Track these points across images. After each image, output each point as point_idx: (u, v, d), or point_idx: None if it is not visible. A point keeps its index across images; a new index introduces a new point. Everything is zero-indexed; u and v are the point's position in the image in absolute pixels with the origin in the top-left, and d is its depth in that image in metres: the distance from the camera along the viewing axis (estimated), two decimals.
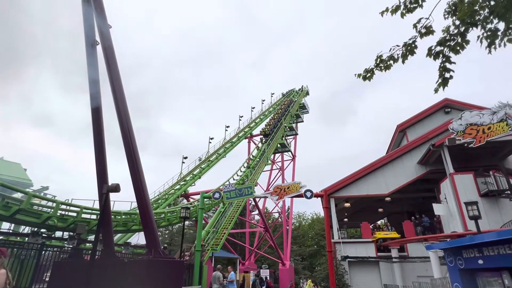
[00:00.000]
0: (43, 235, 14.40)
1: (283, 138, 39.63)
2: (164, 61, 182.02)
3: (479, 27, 3.44)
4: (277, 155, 42.37)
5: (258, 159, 34.68)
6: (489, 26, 3.41)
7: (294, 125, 44.30)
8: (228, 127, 40.18)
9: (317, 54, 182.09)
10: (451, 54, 3.57)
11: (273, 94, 52.36)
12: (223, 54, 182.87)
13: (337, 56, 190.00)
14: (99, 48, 12.62)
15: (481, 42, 3.49)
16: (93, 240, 10.70)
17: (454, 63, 3.62)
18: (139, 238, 23.68)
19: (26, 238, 12.44)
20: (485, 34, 3.45)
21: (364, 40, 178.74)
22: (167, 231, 47.05)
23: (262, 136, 41.73)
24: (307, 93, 53.69)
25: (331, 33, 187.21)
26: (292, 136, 44.10)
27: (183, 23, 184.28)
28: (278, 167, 42.61)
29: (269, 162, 38.21)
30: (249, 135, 42.43)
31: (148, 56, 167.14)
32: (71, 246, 11.49)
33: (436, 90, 3.74)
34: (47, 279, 8.91)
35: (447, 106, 20.65)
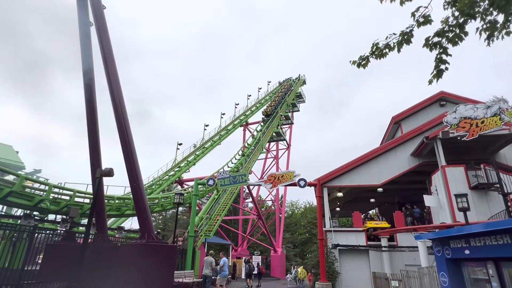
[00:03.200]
0: (36, 218, 14.39)
1: (279, 127, 39.65)
2: (159, 48, 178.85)
3: (479, 19, 3.42)
4: (272, 143, 42.46)
5: (253, 147, 34.73)
6: (488, 18, 3.38)
7: (290, 114, 44.24)
8: (223, 114, 40.02)
9: (313, 46, 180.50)
10: (449, 46, 3.55)
11: (269, 82, 52.00)
12: (220, 43, 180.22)
13: (332, 49, 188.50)
14: (93, 30, 12.32)
15: (480, 34, 3.46)
16: (86, 223, 10.73)
17: (451, 55, 3.60)
18: (132, 223, 23.80)
19: (19, 221, 12.41)
20: (484, 26, 3.42)
21: (359, 33, 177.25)
22: (160, 217, 47.34)
23: (263, 116, 41.99)
24: (304, 82, 53.39)
25: (327, 26, 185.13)
26: (287, 125, 44.10)
27: (178, 12, 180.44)
28: (273, 156, 42.77)
29: (264, 150, 38.32)
30: (244, 123, 42.33)
31: (143, 44, 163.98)
32: (64, 229, 11.48)
33: (430, 82, 3.73)
34: (39, 261, 8.94)
35: (443, 99, 20.72)
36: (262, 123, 40.62)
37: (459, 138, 13.48)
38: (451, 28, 3.49)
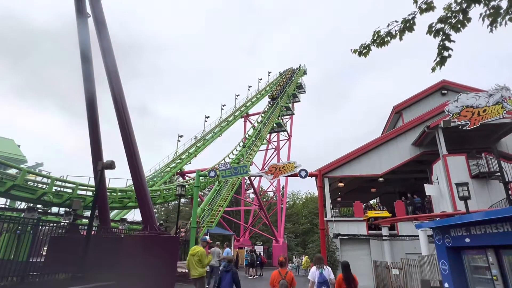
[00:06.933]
0: (39, 210, 14.51)
1: (279, 118, 39.54)
2: (158, 41, 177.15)
3: (482, 4, 3.35)
4: (273, 134, 42.44)
5: (254, 139, 34.72)
6: (492, 3, 3.32)
7: (290, 104, 44.05)
8: (224, 105, 39.89)
9: (313, 38, 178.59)
10: (452, 32, 3.49)
11: (270, 73, 51.60)
12: (219, 36, 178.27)
13: (332, 40, 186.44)
14: (90, 22, 12.16)
15: (483, 20, 3.39)
16: (89, 216, 10.82)
17: (454, 41, 3.54)
18: (135, 215, 24.01)
19: (22, 214, 12.52)
20: (487, 12, 3.35)
21: (359, 25, 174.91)
22: (163, 208, 47.68)
23: (270, 100, 42.60)
24: (305, 73, 52.95)
25: (326, 17, 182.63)
26: (288, 116, 43.96)
27: (177, 5, 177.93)
28: (274, 147, 42.80)
29: (265, 141, 38.32)
30: (245, 114, 42.21)
31: (141, 37, 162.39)
32: (67, 221, 11.59)
33: (433, 69, 3.68)
34: (44, 253, 9.05)
35: (444, 88, 20.53)
36: (262, 114, 40.58)
37: (460, 127, 13.41)
38: (454, 14, 3.42)
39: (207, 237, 7.99)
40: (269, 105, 41.89)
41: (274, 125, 38.72)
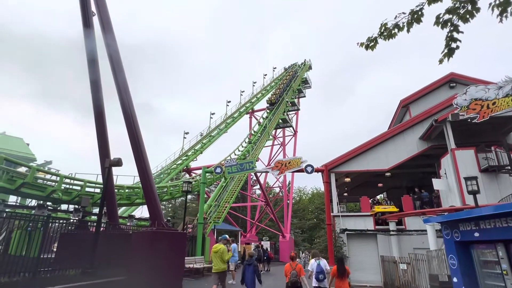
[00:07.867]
0: (49, 208, 14.75)
1: (285, 114, 39.39)
2: (161, 39, 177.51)
3: None
4: (278, 130, 42.33)
5: (259, 134, 34.69)
6: None
7: (296, 100, 43.83)
8: (229, 102, 39.88)
9: (318, 32, 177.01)
10: (460, 23, 3.42)
11: (275, 68, 51.35)
12: (224, 32, 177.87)
13: (337, 34, 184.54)
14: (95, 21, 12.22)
15: (492, 10, 3.31)
16: (97, 213, 10.96)
17: (462, 32, 3.47)
18: (142, 211, 24.26)
19: (33, 211, 12.75)
20: (497, 2, 3.27)
21: (364, 18, 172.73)
22: (170, 205, 48.17)
23: (268, 105, 41.78)
24: (310, 67, 52.57)
25: (330, 10, 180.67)
26: (294, 112, 43.77)
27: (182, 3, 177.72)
28: (280, 143, 42.71)
29: (271, 137, 38.26)
30: (250, 110, 42.16)
31: (146, 34, 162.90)
32: (76, 218, 11.77)
33: (441, 61, 3.61)
34: (54, 249, 9.21)
35: (453, 81, 20.18)
36: (268, 110, 40.48)
37: (469, 120, 13.20)
38: (462, 5, 3.35)
39: (227, 236, 9.85)
40: (268, 110, 40.67)
41: (280, 120, 38.58)
